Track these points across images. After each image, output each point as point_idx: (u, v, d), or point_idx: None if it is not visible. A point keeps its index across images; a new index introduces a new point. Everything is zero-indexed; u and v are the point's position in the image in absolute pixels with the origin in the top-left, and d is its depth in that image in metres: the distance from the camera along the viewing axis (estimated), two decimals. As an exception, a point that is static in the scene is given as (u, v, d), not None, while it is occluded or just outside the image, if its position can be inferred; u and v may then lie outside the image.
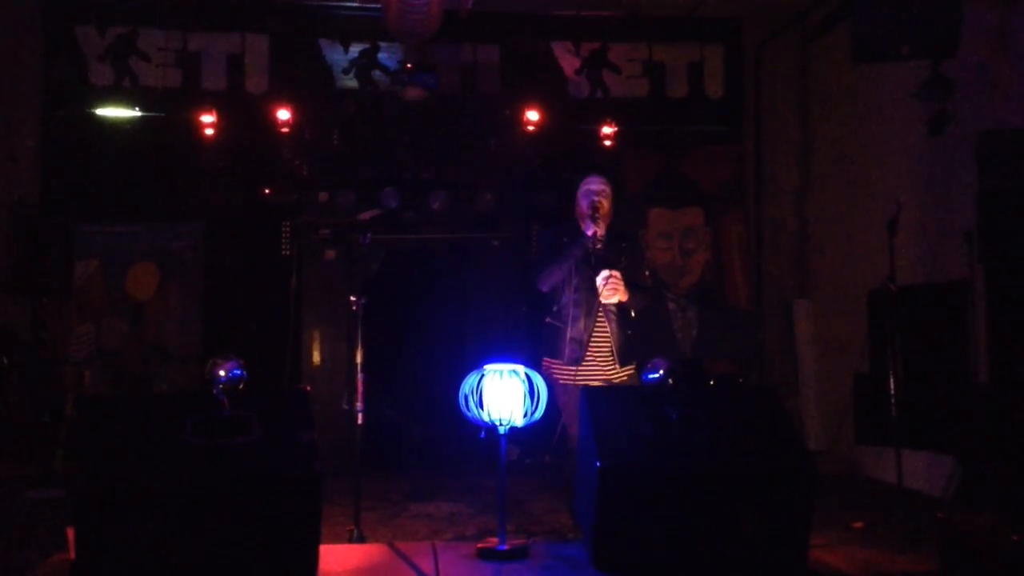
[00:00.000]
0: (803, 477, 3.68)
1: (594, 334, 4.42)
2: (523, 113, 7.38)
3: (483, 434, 4.00)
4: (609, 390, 4.28)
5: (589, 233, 4.38)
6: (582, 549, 3.88)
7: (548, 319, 4.51)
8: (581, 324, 4.40)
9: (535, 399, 3.94)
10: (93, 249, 7.45)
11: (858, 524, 4.84)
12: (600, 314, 4.42)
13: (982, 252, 5.45)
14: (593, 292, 4.36)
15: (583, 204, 4.48)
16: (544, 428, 4.25)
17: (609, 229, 4.52)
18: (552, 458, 7.06)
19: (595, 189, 4.49)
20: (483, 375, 3.96)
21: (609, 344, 4.42)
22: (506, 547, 3.89)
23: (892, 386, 5.16)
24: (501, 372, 3.93)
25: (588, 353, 4.40)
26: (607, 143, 7.55)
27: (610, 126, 7.51)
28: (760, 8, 7.88)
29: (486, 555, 3.88)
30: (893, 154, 6.55)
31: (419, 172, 7.61)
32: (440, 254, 7.95)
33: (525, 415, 3.95)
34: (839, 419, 7.07)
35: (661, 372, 3.95)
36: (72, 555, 3.39)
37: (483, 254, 7.73)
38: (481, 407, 3.93)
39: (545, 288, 4.51)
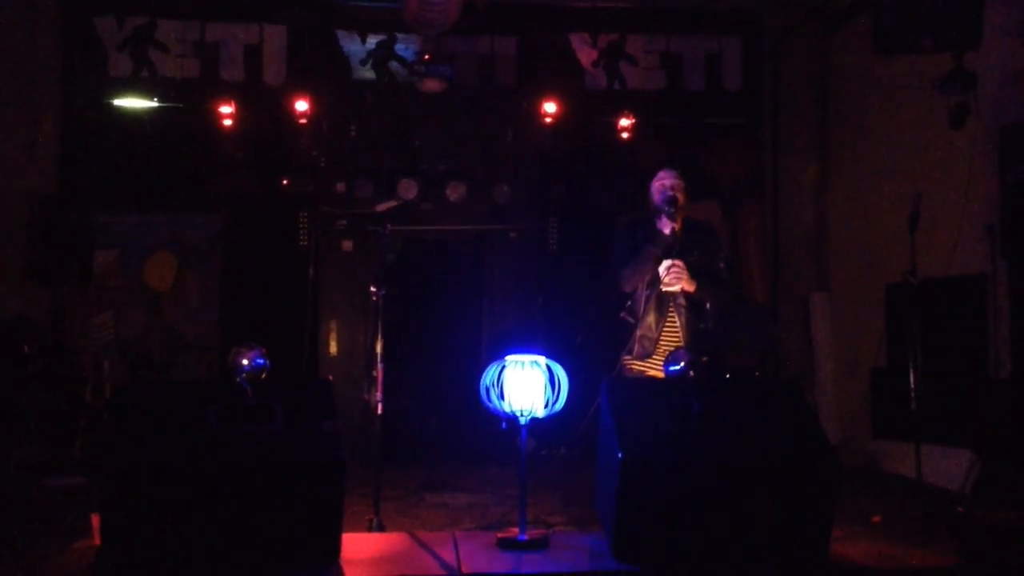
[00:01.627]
0: (827, 472, 3.67)
1: (664, 329, 4.41)
2: (540, 105, 7.37)
3: (504, 425, 4.00)
4: (630, 382, 4.27)
5: (667, 231, 4.37)
6: (602, 540, 3.88)
7: (622, 314, 4.51)
8: (651, 319, 4.39)
9: (556, 390, 3.94)
10: (112, 239, 7.49)
11: (876, 518, 4.82)
12: (671, 309, 4.41)
13: (1005, 246, 5.42)
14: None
15: (658, 199, 4.46)
16: (561, 420, 4.25)
17: (684, 220, 4.51)
18: (567, 450, 7.06)
19: (669, 184, 4.46)
20: (504, 366, 3.96)
21: (679, 339, 4.40)
22: (526, 537, 3.90)
23: (912, 380, 5.14)
24: (522, 363, 3.93)
25: (658, 348, 4.40)
26: (624, 135, 7.54)
27: (627, 118, 7.49)
28: (779, -1, 7.85)
29: (506, 545, 3.88)
30: (913, 147, 6.51)
31: (436, 163, 7.61)
32: (457, 245, 7.95)
33: (546, 406, 3.95)
34: (856, 413, 7.05)
35: (683, 364, 3.94)
36: (97, 541, 3.42)
37: (500, 246, 7.73)
38: (502, 398, 3.93)
39: (628, 289, 4.50)
